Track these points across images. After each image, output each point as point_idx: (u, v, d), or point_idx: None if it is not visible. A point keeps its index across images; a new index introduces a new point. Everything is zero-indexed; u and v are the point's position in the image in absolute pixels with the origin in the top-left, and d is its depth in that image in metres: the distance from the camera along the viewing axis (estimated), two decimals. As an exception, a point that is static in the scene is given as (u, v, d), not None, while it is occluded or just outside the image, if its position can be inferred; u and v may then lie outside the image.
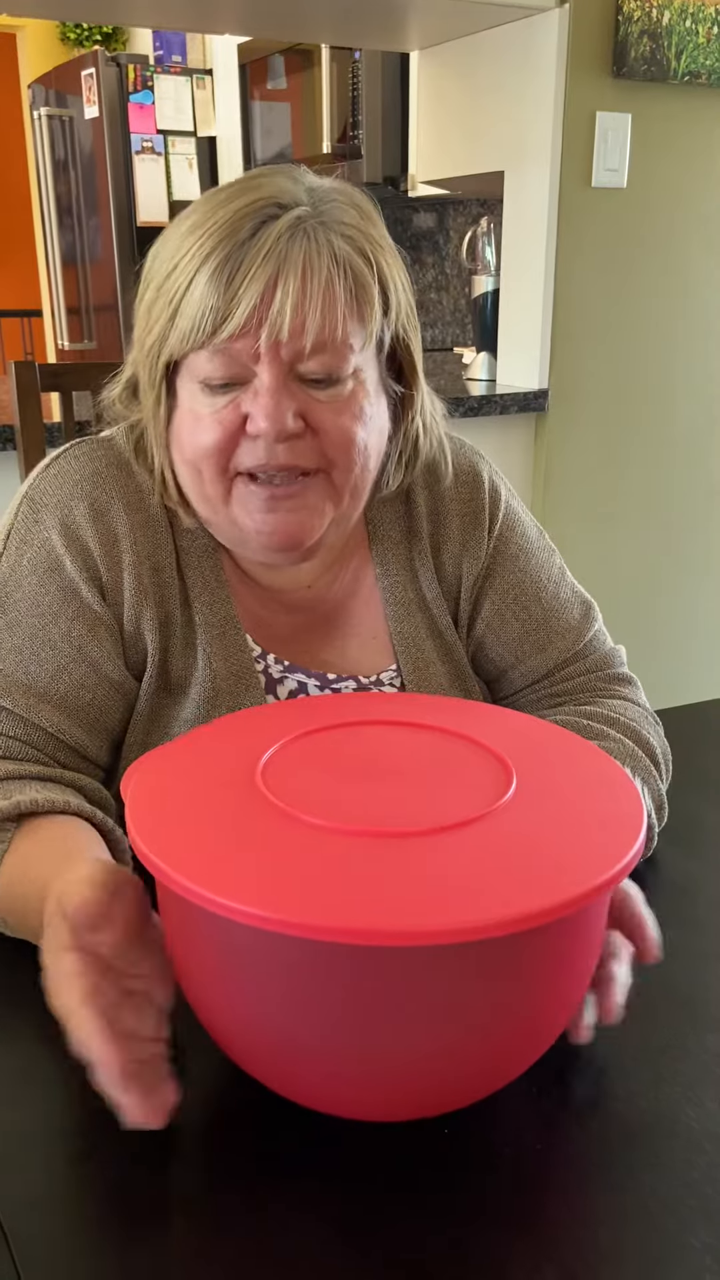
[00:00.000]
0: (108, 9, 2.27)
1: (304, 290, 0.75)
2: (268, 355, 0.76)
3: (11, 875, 0.71)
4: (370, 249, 0.79)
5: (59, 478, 0.86)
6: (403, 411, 0.88)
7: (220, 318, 0.75)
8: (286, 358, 0.77)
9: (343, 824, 0.53)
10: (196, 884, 0.49)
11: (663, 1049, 0.64)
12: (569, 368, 2.34)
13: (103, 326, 4.14)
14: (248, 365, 0.77)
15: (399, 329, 0.83)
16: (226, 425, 0.78)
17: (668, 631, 2.66)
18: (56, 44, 5.30)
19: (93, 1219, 0.53)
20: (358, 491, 0.84)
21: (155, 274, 0.80)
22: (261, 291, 0.74)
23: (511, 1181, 0.55)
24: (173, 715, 0.87)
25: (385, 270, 0.80)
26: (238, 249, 0.75)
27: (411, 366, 0.86)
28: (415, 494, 0.94)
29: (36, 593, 0.83)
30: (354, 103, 3.10)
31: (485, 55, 2.32)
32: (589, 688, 0.96)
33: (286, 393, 0.77)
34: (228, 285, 0.74)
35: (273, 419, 0.76)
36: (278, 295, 0.74)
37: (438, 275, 3.73)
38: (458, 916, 0.47)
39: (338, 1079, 0.54)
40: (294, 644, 0.91)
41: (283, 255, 0.75)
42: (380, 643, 0.93)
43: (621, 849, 0.52)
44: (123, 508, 0.85)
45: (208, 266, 0.75)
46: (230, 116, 3.89)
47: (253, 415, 0.77)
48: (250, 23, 2.41)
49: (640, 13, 2.14)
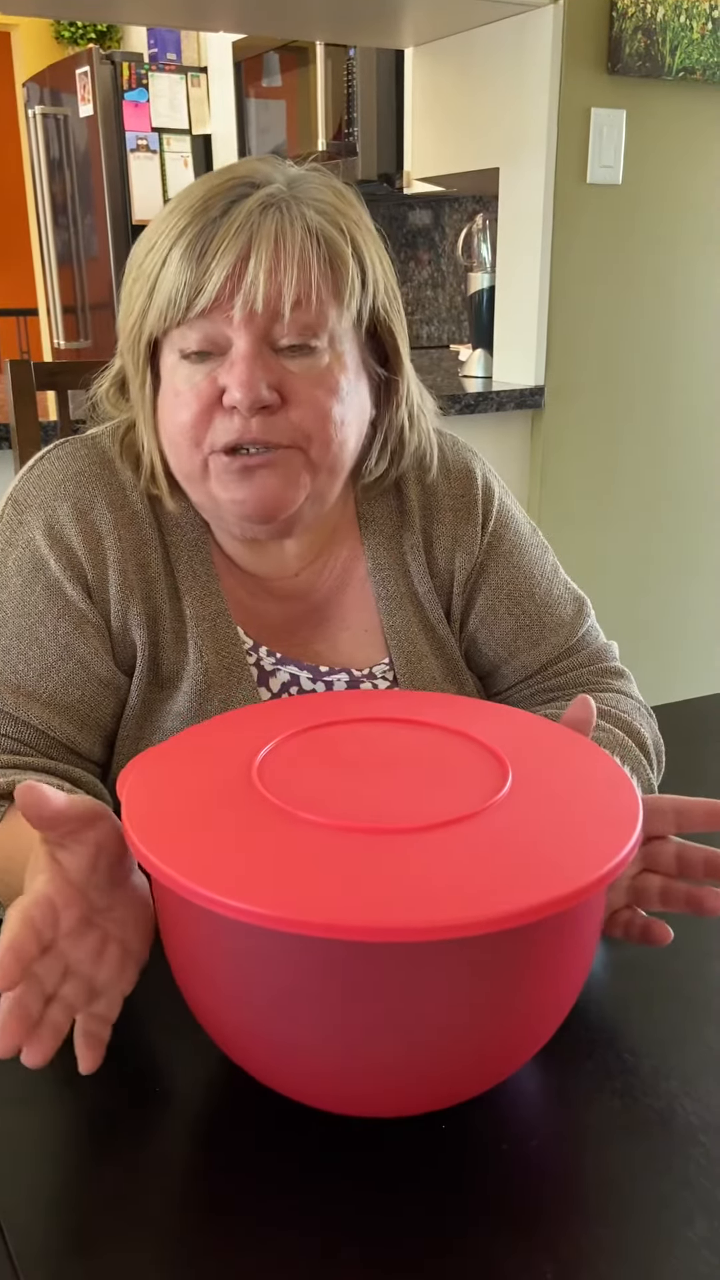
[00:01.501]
0: (102, 7, 2.27)
1: (277, 258, 0.76)
2: (242, 324, 0.77)
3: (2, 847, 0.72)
4: (345, 224, 0.80)
5: (42, 479, 0.86)
6: (386, 397, 0.88)
7: (194, 291, 0.76)
8: (261, 326, 0.77)
9: (339, 821, 0.54)
10: (192, 881, 0.49)
11: (660, 1042, 0.64)
12: (565, 365, 2.34)
13: (98, 325, 4.13)
14: (224, 334, 0.78)
15: (379, 307, 0.83)
16: (203, 398, 0.79)
17: (661, 628, 2.66)
18: (51, 42, 5.28)
19: (91, 1219, 0.53)
20: (335, 468, 0.83)
21: (134, 259, 0.81)
22: (234, 263, 0.75)
23: (508, 1176, 0.55)
24: (165, 709, 0.87)
25: (361, 245, 0.81)
26: (210, 225, 0.76)
27: (395, 350, 0.86)
28: (407, 489, 0.95)
29: (22, 593, 0.84)
30: (349, 100, 3.10)
31: (480, 52, 2.31)
32: (582, 682, 0.96)
33: (260, 363, 0.77)
34: (199, 259, 0.76)
35: (247, 386, 0.76)
36: (250, 265, 0.75)
37: (433, 272, 3.73)
38: (453, 913, 0.47)
39: (334, 1075, 0.54)
40: (286, 636, 0.92)
41: (254, 227, 0.76)
42: (372, 636, 0.93)
43: (617, 845, 0.52)
44: (106, 506, 0.85)
45: (180, 243, 0.76)
46: (225, 114, 3.88)
47: (228, 386, 0.77)
48: (245, 20, 2.41)
49: (634, 8, 2.14)
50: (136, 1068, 0.62)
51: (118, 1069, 0.60)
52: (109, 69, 3.81)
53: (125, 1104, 0.60)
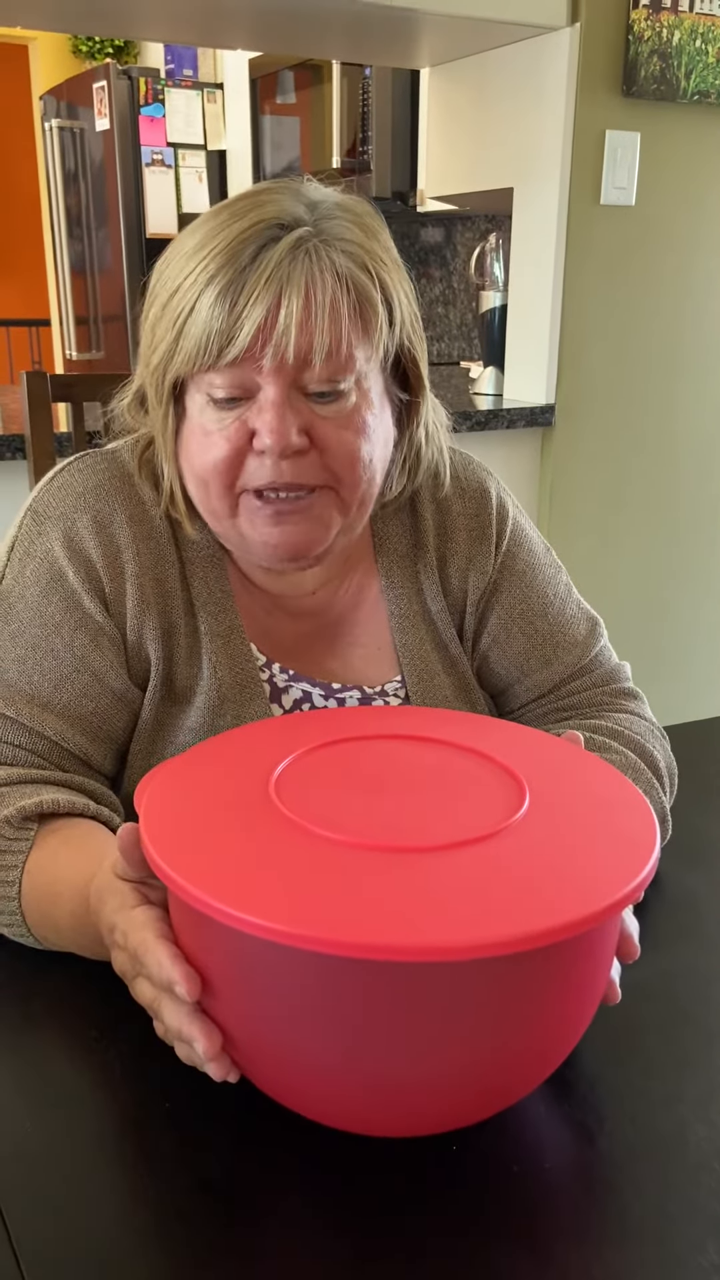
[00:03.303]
0: (120, 23, 2.29)
1: (307, 309, 0.76)
2: (272, 373, 0.77)
3: (41, 869, 0.73)
4: (372, 264, 0.80)
5: (62, 490, 0.86)
6: (408, 419, 0.88)
7: (225, 340, 0.76)
8: (291, 374, 0.77)
9: (356, 838, 0.54)
10: (210, 896, 0.49)
11: (671, 1066, 0.64)
12: (576, 383, 2.35)
13: (111, 336, 4.15)
14: (254, 380, 0.78)
15: (404, 340, 0.84)
16: (234, 441, 0.79)
17: (672, 648, 2.66)
18: (68, 56, 5.33)
19: (97, 1221, 0.53)
20: (365, 503, 0.85)
21: (160, 292, 0.81)
22: (265, 313, 0.75)
23: (519, 1199, 0.54)
24: (178, 723, 0.87)
25: (389, 284, 0.81)
26: (239, 274, 0.76)
27: (417, 376, 0.87)
28: (422, 508, 0.95)
29: (39, 604, 0.84)
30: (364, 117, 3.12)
31: (496, 73, 2.33)
32: (595, 702, 0.96)
33: (290, 408, 0.78)
34: (231, 309, 0.75)
35: (277, 434, 0.77)
36: (281, 316, 0.75)
37: (445, 289, 3.75)
38: (472, 934, 0.47)
39: (345, 1093, 0.54)
40: (299, 653, 0.92)
41: (285, 277, 0.75)
42: (384, 654, 0.94)
43: (635, 867, 0.52)
44: (125, 520, 0.85)
45: (211, 290, 0.76)
46: (240, 130, 3.91)
47: (258, 431, 0.78)
48: (262, 38, 2.43)
49: (650, 32, 2.15)
50: (145, 1079, 0.62)
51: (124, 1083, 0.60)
52: (126, 84, 3.84)
53: (132, 1117, 0.60)
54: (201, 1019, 0.56)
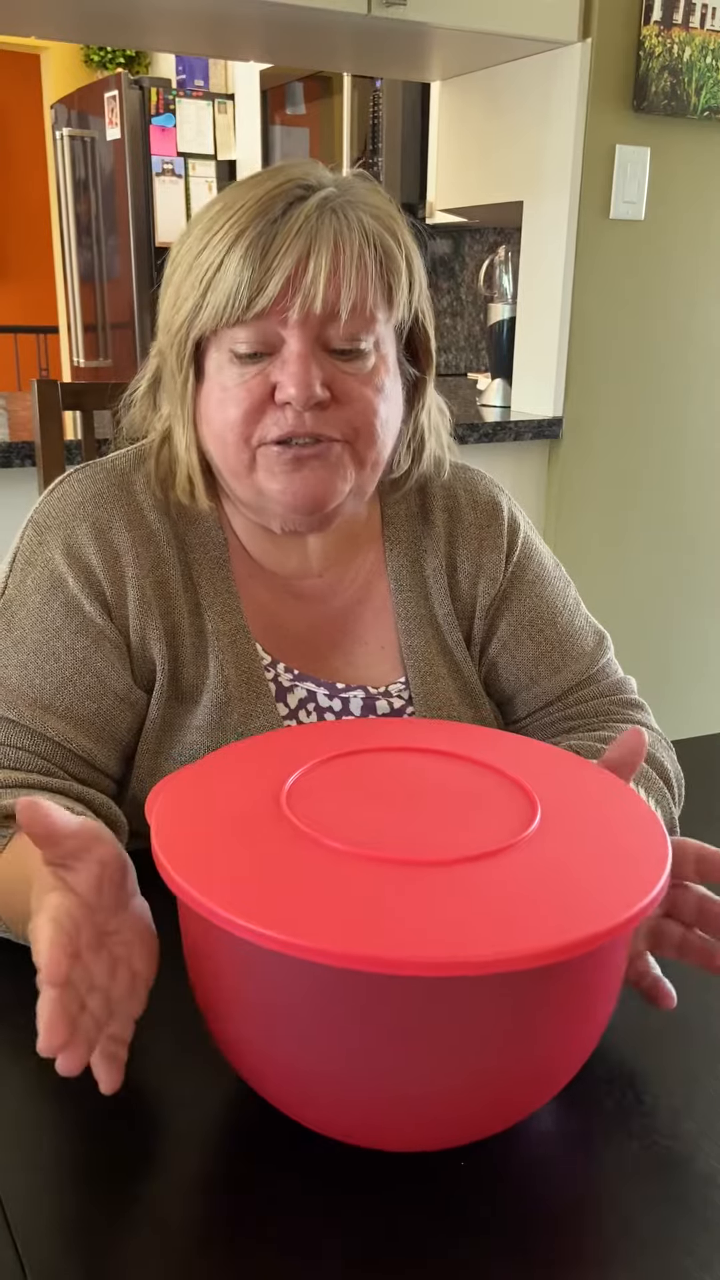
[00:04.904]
0: (132, 33, 2.30)
1: (336, 262, 0.77)
2: (297, 325, 0.78)
3: (9, 864, 0.72)
4: (396, 228, 0.82)
5: (62, 501, 0.88)
6: (415, 397, 0.90)
7: (255, 290, 0.77)
8: (316, 327, 0.79)
9: (368, 851, 0.54)
10: (220, 907, 0.49)
11: (680, 1084, 0.64)
12: (584, 396, 2.36)
13: (118, 344, 4.17)
14: (277, 334, 0.79)
15: (418, 309, 0.86)
16: (254, 395, 0.80)
17: (678, 662, 2.66)
18: (80, 66, 5.35)
19: (97, 1221, 0.53)
20: (377, 464, 0.86)
21: (183, 256, 0.82)
22: (295, 265, 0.77)
23: (526, 1215, 0.54)
24: (185, 722, 0.88)
25: (411, 248, 0.84)
26: (270, 226, 0.77)
27: (427, 351, 0.89)
28: (434, 515, 0.96)
29: (41, 609, 0.85)
30: (374, 129, 3.13)
31: (507, 87, 2.34)
32: (602, 712, 0.97)
33: (315, 361, 0.79)
34: (261, 258, 0.77)
35: (301, 385, 0.78)
36: (310, 268, 0.77)
37: (453, 301, 3.76)
38: (483, 949, 0.47)
39: (353, 1107, 0.54)
40: (304, 650, 0.93)
41: (314, 231, 0.77)
42: (389, 654, 0.94)
43: (647, 884, 0.52)
44: (124, 525, 0.87)
45: (241, 243, 0.77)
46: (250, 140, 3.93)
47: (281, 383, 0.79)
48: (273, 50, 2.44)
49: (661, 48, 2.16)
50: (145, 1078, 0.62)
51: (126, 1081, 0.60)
52: (137, 94, 3.86)
53: (133, 1116, 0.60)
54: (54, 1015, 0.52)
